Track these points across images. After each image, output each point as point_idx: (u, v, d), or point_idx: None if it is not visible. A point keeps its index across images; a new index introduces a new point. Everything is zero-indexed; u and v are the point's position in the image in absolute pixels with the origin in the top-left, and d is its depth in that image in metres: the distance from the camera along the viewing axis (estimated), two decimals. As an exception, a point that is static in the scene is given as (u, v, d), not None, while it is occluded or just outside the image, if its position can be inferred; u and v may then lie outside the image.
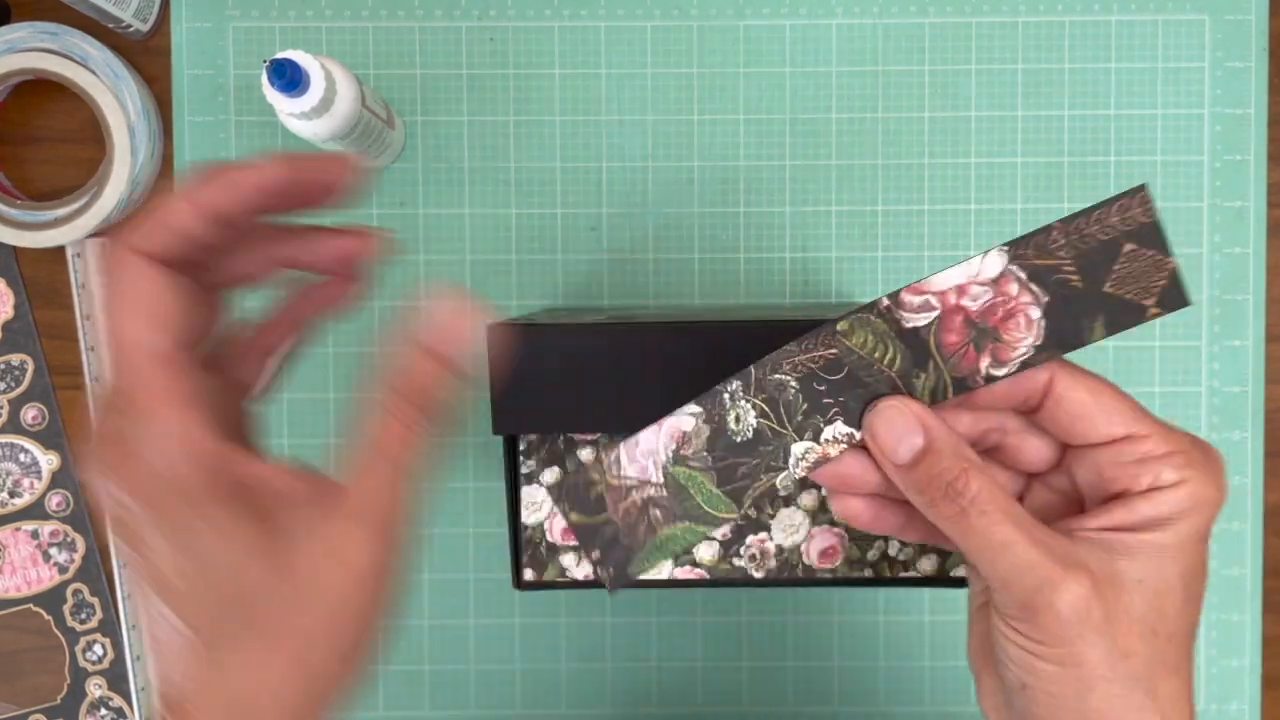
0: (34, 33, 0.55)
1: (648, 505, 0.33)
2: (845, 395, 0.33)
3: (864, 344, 0.33)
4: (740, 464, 0.33)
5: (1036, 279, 0.32)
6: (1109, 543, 0.32)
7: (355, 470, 0.31)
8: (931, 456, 0.32)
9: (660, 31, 0.58)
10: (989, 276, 0.32)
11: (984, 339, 0.32)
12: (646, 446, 0.33)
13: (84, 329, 0.58)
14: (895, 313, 0.32)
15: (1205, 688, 0.59)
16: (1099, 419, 0.33)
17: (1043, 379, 0.33)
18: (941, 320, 0.32)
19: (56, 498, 0.59)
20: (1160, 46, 0.58)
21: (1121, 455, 0.33)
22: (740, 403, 0.33)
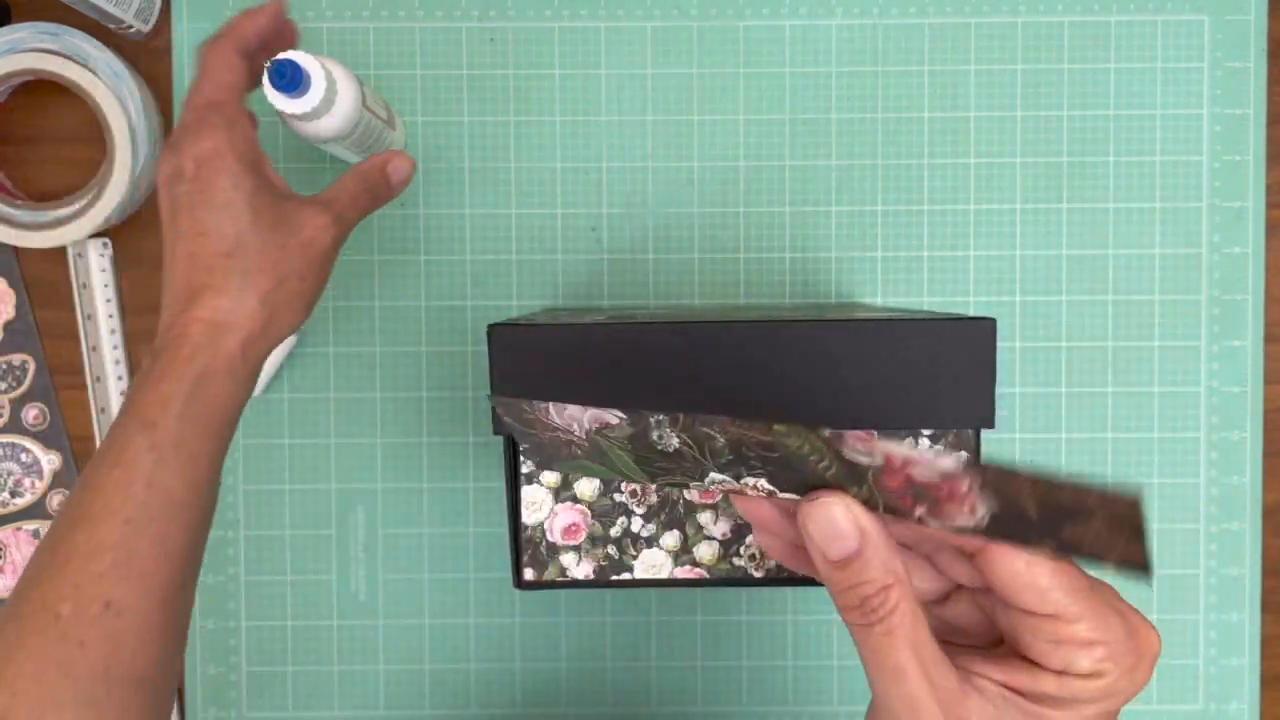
0: (35, 33, 0.55)
1: (570, 444, 0.34)
2: (773, 467, 0.32)
3: (801, 448, 0.31)
4: (659, 462, 0.33)
5: (992, 491, 0.30)
6: (1005, 700, 0.31)
7: (337, 181, 0.47)
8: (859, 563, 0.31)
9: (660, 31, 0.58)
10: (940, 469, 0.30)
11: (923, 498, 0.31)
12: (573, 413, 0.33)
13: (85, 329, 0.58)
14: (838, 444, 0.31)
15: (1205, 687, 0.59)
16: (1028, 594, 0.31)
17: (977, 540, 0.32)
18: (883, 468, 0.31)
19: (58, 497, 0.59)
20: (1160, 46, 0.58)
21: (1042, 631, 0.31)
22: (665, 429, 0.32)
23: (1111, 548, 0.29)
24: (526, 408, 0.33)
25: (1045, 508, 0.29)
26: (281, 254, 0.43)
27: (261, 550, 0.59)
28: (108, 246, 0.58)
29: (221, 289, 0.42)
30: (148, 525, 0.39)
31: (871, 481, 0.31)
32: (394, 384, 0.59)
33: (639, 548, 0.42)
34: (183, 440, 0.40)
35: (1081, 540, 0.30)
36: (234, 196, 0.42)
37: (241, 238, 0.42)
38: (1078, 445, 0.59)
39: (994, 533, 0.31)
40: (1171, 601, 0.59)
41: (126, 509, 0.39)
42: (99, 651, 0.38)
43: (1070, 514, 0.29)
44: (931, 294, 0.59)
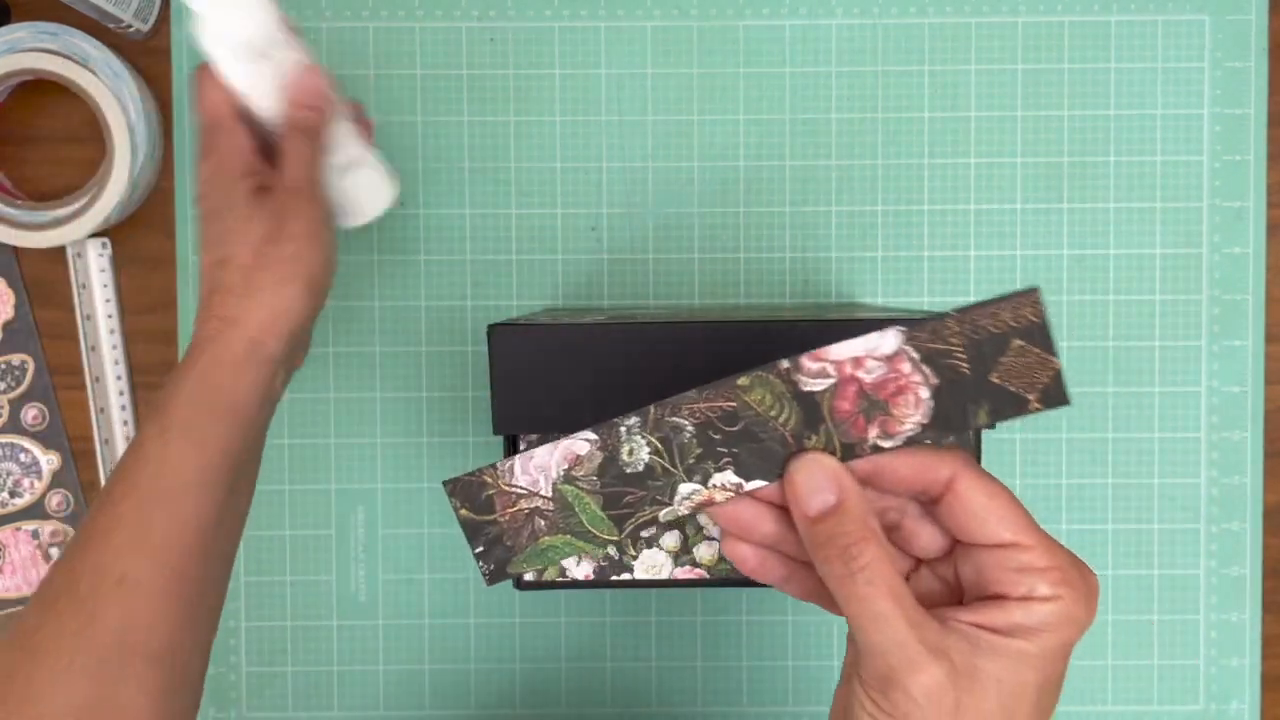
0: (34, 33, 0.55)
1: (534, 514, 0.35)
2: (739, 447, 0.34)
3: (762, 401, 0.34)
4: (627, 493, 0.35)
5: (929, 361, 0.34)
6: (977, 639, 0.34)
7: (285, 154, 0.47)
8: (838, 515, 0.34)
9: (660, 31, 0.58)
10: (885, 353, 0.34)
11: (874, 410, 0.34)
12: (540, 461, 0.35)
13: (84, 329, 0.58)
14: (794, 375, 0.34)
15: (1205, 687, 0.59)
16: (990, 522, 0.35)
17: (946, 474, 0.35)
18: (837, 388, 0.34)
19: (57, 497, 0.59)
20: (1160, 46, 0.58)
21: (1005, 560, 0.34)
22: (635, 437, 0.34)
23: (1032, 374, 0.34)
24: (488, 477, 0.35)
25: (972, 349, 0.34)
26: (275, 249, 0.45)
27: (261, 550, 0.59)
28: (107, 246, 0.58)
29: (229, 289, 0.45)
30: (161, 502, 0.42)
31: (828, 417, 0.34)
32: (394, 384, 0.59)
33: (639, 548, 0.42)
34: (190, 424, 0.43)
35: (1009, 375, 0.34)
36: (228, 207, 0.46)
37: (239, 243, 0.45)
38: (1078, 445, 0.59)
39: (938, 423, 0.34)
40: (1171, 601, 0.59)
41: (140, 488, 0.42)
42: (112, 623, 0.40)
43: (992, 343, 0.34)
44: (931, 294, 0.59)
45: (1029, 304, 0.34)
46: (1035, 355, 0.34)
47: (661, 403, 0.34)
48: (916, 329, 0.34)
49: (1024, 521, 0.35)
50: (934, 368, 0.34)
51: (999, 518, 0.35)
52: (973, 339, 0.34)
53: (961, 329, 0.34)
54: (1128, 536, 0.59)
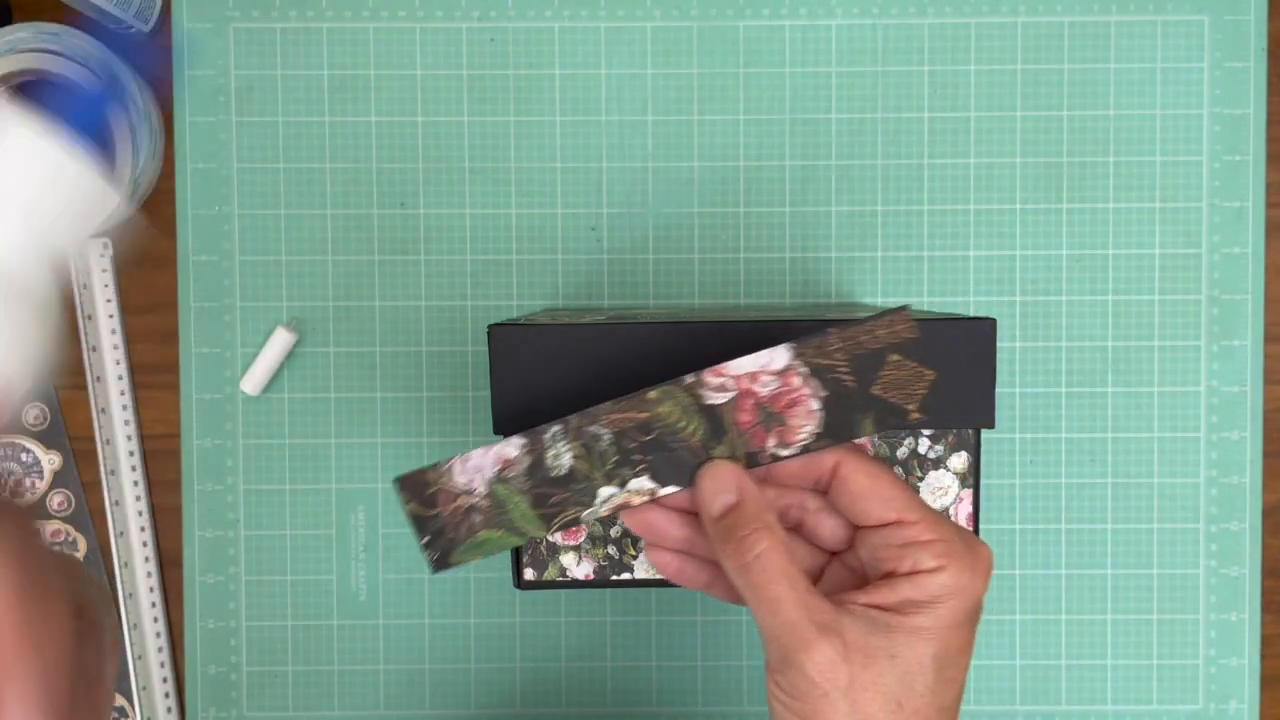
0: (35, 33, 0.55)
1: (471, 511, 0.38)
2: (653, 455, 0.37)
3: (671, 413, 0.37)
4: (553, 494, 0.37)
5: (817, 375, 0.36)
6: (872, 618, 0.35)
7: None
8: (737, 513, 0.36)
9: (660, 31, 0.58)
10: (776, 368, 0.37)
11: (772, 421, 0.37)
12: (476, 463, 0.38)
13: (84, 329, 0.58)
14: (698, 390, 0.37)
15: (1204, 687, 0.59)
16: (875, 503, 0.36)
17: (830, 462, 0.37)
18: (736, 401, 0.37)
19: (58, 497, 0.59)
20: (1160, 47, 0.58)
21: (891, 538, 0.36)
22: (559, 443, 0.37)
23: (910, 385, 0.37)
24: (431, 475, 0.38)
25: (854, 363, 0.36)
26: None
27: (261, 550, 0.59)
28: (108, 247, 0.58)
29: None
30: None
31: (730, 428, 0.37)
32: (394, 384, 0.59)
33: (639, 548, 0.42)
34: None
35: (889, 387, 0.37)
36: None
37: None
38: (1078, 445, 0.59)
39: (829, 432, 0.37)
40: (1171, 601, 0.59)
41: None
42: None
43: (872, 358, 0.36)
44: (931, 294, 0.59)
45: (900, 321, 0.36)
46: (910, 368, 0.37)
47: (581, 413, 0.37)
48: (803, 345, 0.36)
49: (905, 500, 0.37)
50: (822, 381, 0.37)
51: (882, 498, 0.36)
52: (854, 354, 0.36)
53: (844, 344, 0.36)
54: (1127, 536, 0.59)
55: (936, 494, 0.41)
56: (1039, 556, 0.59)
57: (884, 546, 0.36)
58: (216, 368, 0.59)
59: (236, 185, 0.59)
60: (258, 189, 0.59)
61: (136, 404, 0.59)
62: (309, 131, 0.58)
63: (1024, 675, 0.59)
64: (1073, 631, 0.59)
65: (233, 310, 0.59)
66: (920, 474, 0.41)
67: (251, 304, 0.59)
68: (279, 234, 0.59)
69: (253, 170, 0.59)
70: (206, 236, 0.59)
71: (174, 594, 0.59)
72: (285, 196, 0.59)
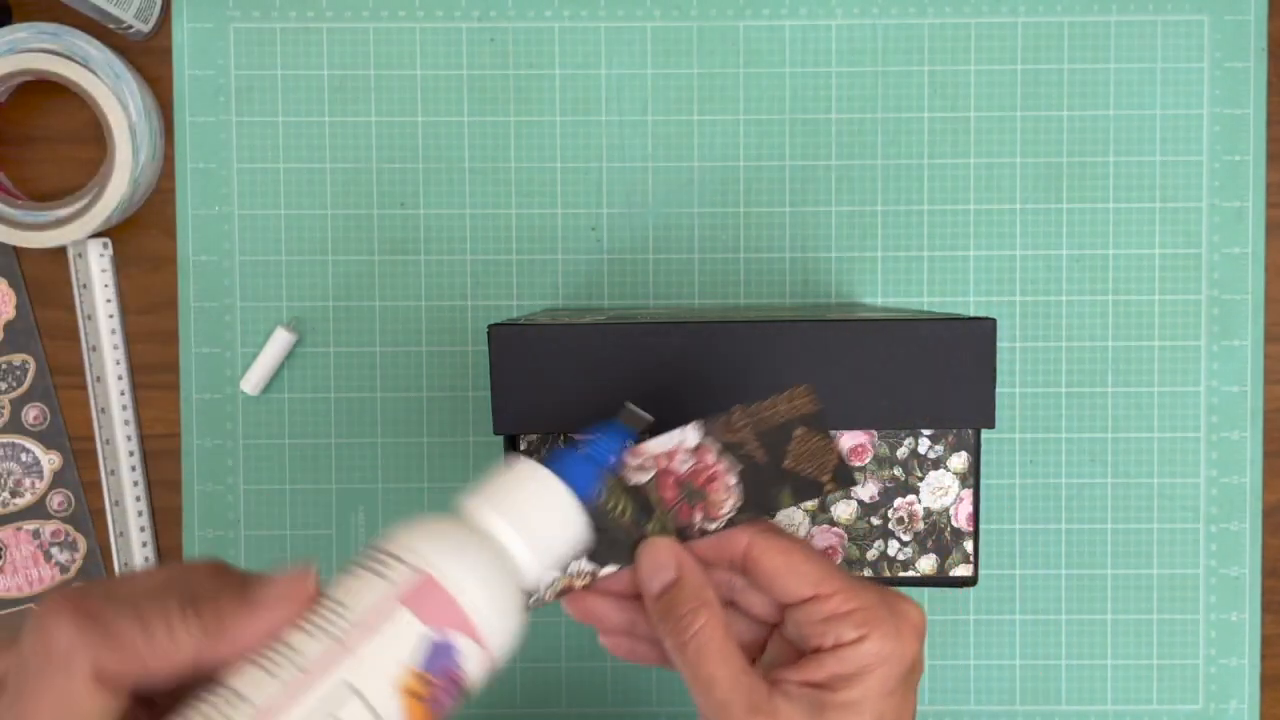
0: (35, 33, 0.55)
1: None
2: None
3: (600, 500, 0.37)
4: None
5: (729, 451, 0.37)
6: (804, 696, 0.35)
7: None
8: (676, 590, 0.36)
9: (660, 31, 0.58)
10: (689, 446, 0.37)
11: (695, 497, 0.37)
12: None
13: (85, 329, 0.58)
14: (620, 471, 0.37)
15: (1204, 687, 0.59)
16: (789, 580, 0.36)
17: (742, 543, 0.37)
18: (658, 479, 0.37)
19: (58, 497, 0.59)
20: (1159, 47, 0.58)
21: (811, 614, 0.36)
22: None
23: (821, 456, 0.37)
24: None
25: (763, 439, 0.37)
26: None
27: (261, 550, 0.59)
28: (108, 247, 0.58)
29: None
30: None
31: (656, 504, 0.37)
32: (394, 384, 0.59)
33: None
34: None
35: (798, 460, 0.37)
36: None
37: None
38: (1078, 445, 0.59)
39: (751, 506, 0.37)
40: (1171, 601, 0.59)
41: None
42: None
43: (778, 432, 0.37)
44: (931, 294, 0.59)
45: (800, 396, 0.37)
46: (816, 441, 0.37)
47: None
48: (711, 424, 0.37)
49: (820, 573, 0.36)
50: (735, 457, 0.37)
51: (796, 574, 0.36)
52: (760, 430, 0.37)
53: (750, 421, 0.37)
54: (1127, 536, 0.59)
55: (936, 494, 0.41)
56: (1039, 556, 0.59)
57: (806, 623, 0.36)
58: (216, 368, 0.59)
59: (236, 185, 0.59)
60: (258, 189, 0.59)
61: (136, 404, 0.59)
62: (309, 131, 0.59)
63: (1024, 675, 0.59)
64: (1073, 631, 0.59)
65: (233, 310, 0.59)
66: (920, 474, 0.41)
67: (251, 304, 0.59)
68: (279, 234, 0.59)
69: (253, 170, 0.59)
70: (206, 236, 0.59)
71: (174, 594, 0.59)
72: (285, 196, 0.59)
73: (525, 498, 0.32)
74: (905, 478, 0.41)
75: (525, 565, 0.31)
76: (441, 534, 0.30)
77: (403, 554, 0.29)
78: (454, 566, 0.29)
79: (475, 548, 0.30)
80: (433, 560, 0.29)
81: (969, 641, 0.59)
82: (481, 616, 0.29)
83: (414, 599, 0.28)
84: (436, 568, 0.29)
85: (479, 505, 0.32)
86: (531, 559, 0.31)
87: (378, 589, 0.28)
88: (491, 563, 0.30)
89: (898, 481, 0.41)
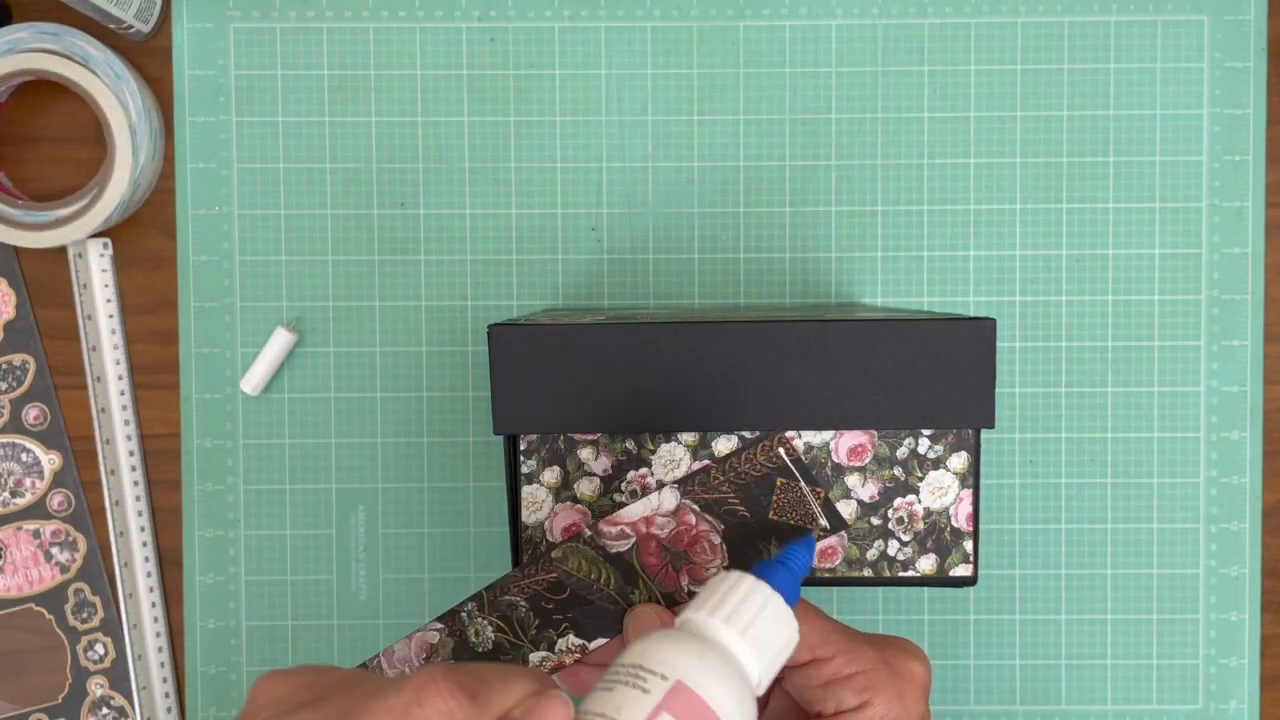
0: (35, 33, 0.55)
1: None
2: (573, 612, 0.37)
3: (579, 568, 0.37)
4: None
5: (709, 510, 0.36)
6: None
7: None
8: None
9: (660, 31, 0.58)
10: (668, 509, 0.37)
11: (679, 560, 0.37)
12: (401, 655, 0.38)
13: (85, 329, 0.58)
14: (599, 540, 0.37)
15: (1204, 687, 0.59)
16: None
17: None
18: (639, 545, 0.37)
19: (58, 497, 0.59)
20: (1159, 47, 0.58)
21: (810, 679, 0.35)
22: (478, 620, 0.37)
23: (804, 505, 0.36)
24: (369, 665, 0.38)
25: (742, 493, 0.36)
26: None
27: (261, 550, 0.59)
28: (108, 247, 0.58)
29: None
30: None
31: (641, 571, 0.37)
32: (394, 384, 0.59)
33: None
34: None
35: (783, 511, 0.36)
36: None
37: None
38: (1077, 445, 0.59)
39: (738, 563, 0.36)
40: (1171, 601, 0.59)
41: None
42: None
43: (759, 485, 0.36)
44: (931, 294, 0.59)
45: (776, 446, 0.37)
46: (799, 489, 0.37)
47: (490, 585, 0.37)
48: (688, 484, 0.36)
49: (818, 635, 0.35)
50: (715, 515, 0.37)
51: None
52: (739, 484, 0.36)
53: (726, 477, 0.36)
54: (1127, 536, 0.59)
55: (936, 494, 0.41)
56: (1039, 556, 0.59)
57: (806, 687, 0.35)
58: (216, 368, 0.59)
59: (236, 185, 0.59)
60: (258, 189, 0.59)
61: (136, 404, 0.59)
62: (309, 131, 0.59)
63: (1024, 675, 0.59)
64: (1073, 631, 0.59)
65: (233, 310, 0.59)
66: (920, 474, 0.41)
67: (251, 304, 0.59)
68: (279, 234, 0.59)
69: (253, 170, 0.59)
70: (206, 236, 0.59)
71: (174, 594, 0.59)
72: (285, 196, 0.59)
73: (752, 611, 0.34)
74: (905, 478, 0.41)
75: (754, 673, 0.33)
76: (686, 648, 0.32)
77: (655, 667, 0.32)
78: (703, 676, 0.31)
79: (717, 659, 0.32)
80: (682, 669, 0.31)
81: (969, 641, 0.59)
82: (728, 715, 0.31)
83: (672, 705, 0.31)
84: (689, 676, 0.31)
85: (710, 619, 0.34)
86: (759, 667, 0.33)
87: (643, 701, 0.31)
88: (731, 670, 0.32)
89: (898, 481, 0.41)
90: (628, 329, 0.40)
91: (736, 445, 0.37)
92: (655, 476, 0.40)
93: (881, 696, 0.34)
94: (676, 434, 0.40)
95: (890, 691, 0.34)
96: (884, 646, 0.35)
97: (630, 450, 0.41)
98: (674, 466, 0.40)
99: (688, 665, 0.31)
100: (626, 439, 0.41)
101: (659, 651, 0.32)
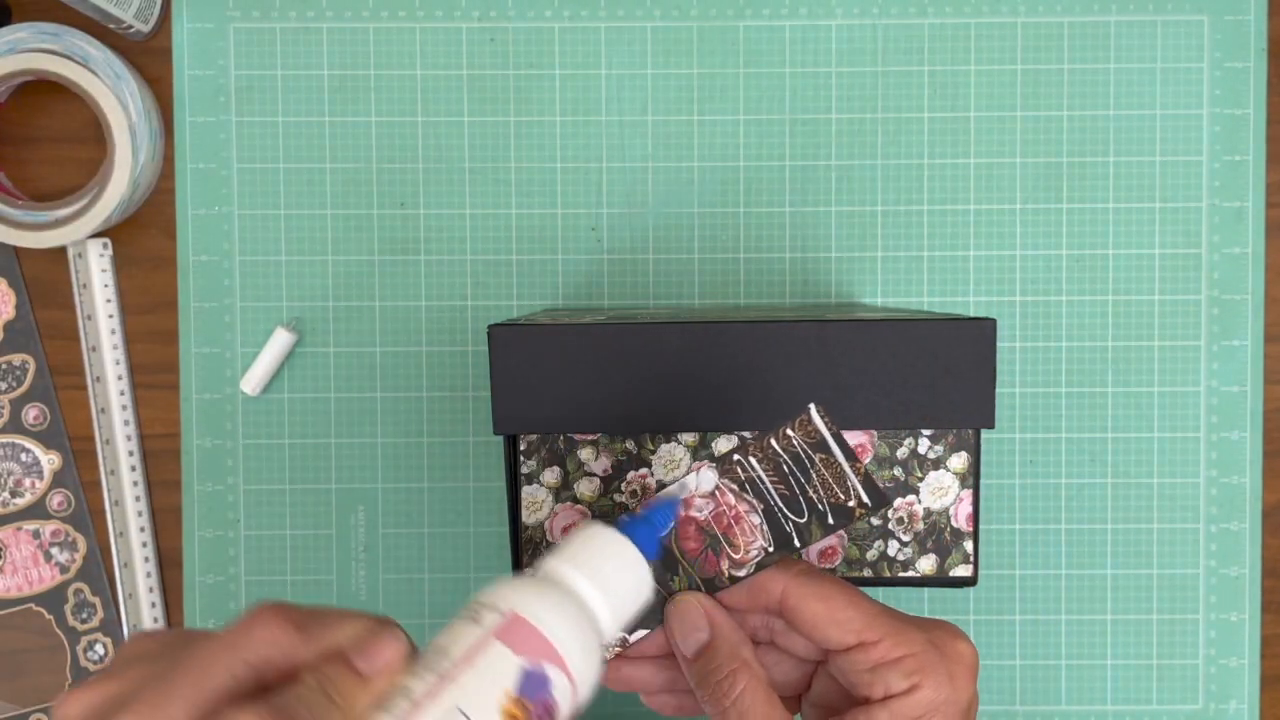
0: (35, 33, 0.55)
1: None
2: None
3: None
4: None
5: (748, 489, 0.36)
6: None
7: None
8: (711, 652, 0.34)
9: (660, 31, 0.58)
10: (706, 490, 0.36)
11: (718, 544, 0.36)
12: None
13: (85, 329, 0.58)
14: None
15: (1204, 687, 0.59)
16: (831, 629, 0.34)
17: (777, 589, 0.35)
18: (678, 529, 0.36)
19: (58, 497, 0.59)
20: (1159, 47, 0.58)
21: (857, 663, 0.34)
22: None
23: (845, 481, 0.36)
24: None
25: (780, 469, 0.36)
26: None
27: (261, 550, 0.59)
28: (108, 247, 0.58)
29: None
30: None
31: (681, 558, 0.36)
32: (394, 384, 0.59)
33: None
34: None
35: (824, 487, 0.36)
36: None
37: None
38: (1077, 445, 0.59)
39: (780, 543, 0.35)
40: (1171, 601, 0.59)
41: None
42: None
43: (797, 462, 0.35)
44: (931, 294, 0.59)
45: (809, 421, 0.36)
46: (838, 465, 0.36)
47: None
48: (725, 463, 0.36)
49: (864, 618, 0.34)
50: (755, 494, 0.36)
51: (837, 622, 0.34)
52: (777, 462, 0.36)
53: (765, 455, 0.36)
54: (1127, 536, 0.59)
55: (936, 494, 0.41)
56: (1039, 556, 0.59)
57: (852, 671, 0.34)
58: (216, 368, 0.59)
59: (236, 185, 0.59)
60: (258, 189, 0.59)
61: (136, 404, 0.59)
62: (309, 131, 0.59)
63: (1024, 675, 0.59)
64: (1073, 631, 0.59)
65: (233, 310, 0.59)
66: (920, 474, 0.41)
67: (251, 304, 0.59)
68: (279, 234, 0.59)
69: (253, 170, 0.59)
70: (206, 236, 0.59)
71: (174, 594, 0.59)
72: (285, 196, 0.59)
73: (600, 556, 0.34)
74: (905, 478, 0.41)
75: (601, 616, 0.33)
76: (524, 585, 0.33)
77: (494, 602, 0.32)
78: (539, 607, 0.32)
79: (557, 595, 0.33)
80: (519, 603, 0.32)
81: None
82: (567, 650, 0.31)
83: (506, 634, 0.31)
84: (524, 608, 0.32)
85: (557, 563, 0.34)
86: (606, 610, 0.34)
87: (473, 631, 0.31)
88: (573, 608, 0.33)
89: (898, 481, 0.41)
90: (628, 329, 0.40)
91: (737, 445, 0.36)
92: (655, 476, 0.40)
93: (931, 679, 0.33)
94: (676, 434, 0.40)
95: (940, 674, 0.33)
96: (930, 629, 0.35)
97: (630, 450, 0.41)
98: (674, 466, 0.40)
99: (525, 600, 0.32)
100: (626, 439, 0.41)
101: (501, 589, 0.33)
